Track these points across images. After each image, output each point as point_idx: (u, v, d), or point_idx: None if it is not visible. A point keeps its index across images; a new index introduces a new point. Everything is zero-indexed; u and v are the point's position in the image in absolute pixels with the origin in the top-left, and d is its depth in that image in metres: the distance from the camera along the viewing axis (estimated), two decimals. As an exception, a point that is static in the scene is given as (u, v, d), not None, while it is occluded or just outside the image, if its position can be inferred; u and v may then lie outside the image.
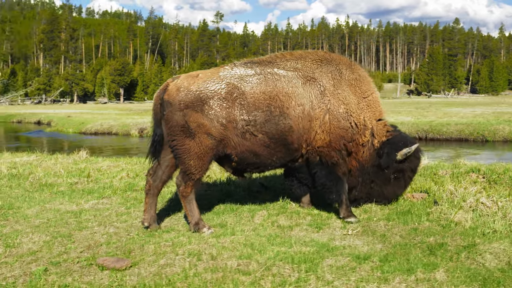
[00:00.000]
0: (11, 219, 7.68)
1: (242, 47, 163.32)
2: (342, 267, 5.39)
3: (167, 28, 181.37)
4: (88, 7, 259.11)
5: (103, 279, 5.29)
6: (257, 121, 6.90)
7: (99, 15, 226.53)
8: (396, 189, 7.89)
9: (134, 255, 5.96)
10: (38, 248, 6.32)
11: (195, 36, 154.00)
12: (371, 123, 7.54)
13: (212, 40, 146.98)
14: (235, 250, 5.99)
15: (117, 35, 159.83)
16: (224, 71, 7.15)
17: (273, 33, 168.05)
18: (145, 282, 5.17)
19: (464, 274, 5.22)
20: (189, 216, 7.02)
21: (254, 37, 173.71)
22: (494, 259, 5.65)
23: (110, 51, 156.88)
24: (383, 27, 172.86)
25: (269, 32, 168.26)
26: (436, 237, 6.45)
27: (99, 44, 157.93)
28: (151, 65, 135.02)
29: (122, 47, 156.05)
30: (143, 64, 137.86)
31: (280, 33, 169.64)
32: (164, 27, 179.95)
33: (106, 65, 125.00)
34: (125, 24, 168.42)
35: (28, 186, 10.14)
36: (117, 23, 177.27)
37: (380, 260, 5.62)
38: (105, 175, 11.02)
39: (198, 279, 5.18)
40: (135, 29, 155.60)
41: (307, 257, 5.71)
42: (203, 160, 6.87)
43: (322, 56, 7.61)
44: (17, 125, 48.81)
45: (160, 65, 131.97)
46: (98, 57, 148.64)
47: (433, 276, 5.13)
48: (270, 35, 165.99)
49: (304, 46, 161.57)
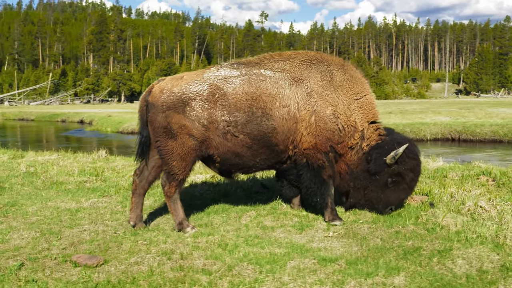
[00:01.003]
0: (10, 216, 7.96)
1: (288, 47, 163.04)
2: (304, 269, 5.40)
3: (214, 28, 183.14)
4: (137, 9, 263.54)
5: (73, 275, 5.44)
6: (238, 121, 6.93)
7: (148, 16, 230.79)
8: (399, 193, 7.55)
9: (110, 253, 6.11)
10: (25, 244, 6.54)
11: (240, 36, 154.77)
12: (362, 125, 7.44)
13: (256, 40, 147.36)
14: (207, 250, 6.06)
15: (164, 36, 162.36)
16: (210, 72, 7.22)
17: (319, 32, 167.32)
18: (111, 279, 5.31)
19: (426, 279, 5.15)
20: (173, 216, 7.13)
21: (300, 37, 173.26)
22: (466, 264, 5.55)
23: (158, 52, 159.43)
24: (431, 26, 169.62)
25: (315, 32, 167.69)
26: (415, 241, 6.36)
27: (147, 44, 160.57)
28: (196, 65, 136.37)
29: (170, 48, 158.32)
30: (189, 64, 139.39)
31: (326, 33, 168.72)
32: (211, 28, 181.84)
33: (153, 66, 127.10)
34: (172, 25, 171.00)
35: (39, 184, 10.46)
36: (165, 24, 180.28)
37: (347, 263, 5.59)
38: (115, 174, 11.27)
39: (160, 277, 5.28)
40: (182, 30, 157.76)
41: (274, 258, 5.74)
42: (186, 161, 6.97)
43: (312, 56, 7.57)
44: (61, 124, 50.19)
45: (206, 65, 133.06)
46: (146, 58, 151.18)
47: (392, 280, 5.08)
48: (315, 34, 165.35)
49: (350, 45, 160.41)
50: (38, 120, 55.86)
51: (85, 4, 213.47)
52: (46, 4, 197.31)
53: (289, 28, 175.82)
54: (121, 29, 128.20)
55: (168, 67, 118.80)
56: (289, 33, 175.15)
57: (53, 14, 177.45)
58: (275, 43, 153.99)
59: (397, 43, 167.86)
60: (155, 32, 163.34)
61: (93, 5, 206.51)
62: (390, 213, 7.61)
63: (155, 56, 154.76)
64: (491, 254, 5.81)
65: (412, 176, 7.49)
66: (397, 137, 7.64)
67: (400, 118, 34.65)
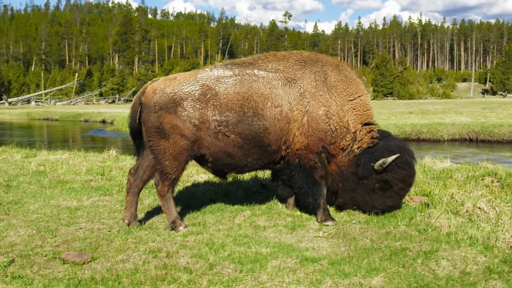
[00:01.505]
0: (12, 214, 8.13)
1: (312, 46, 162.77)
2: (284, 268, 5.42)
3: (238, 28, 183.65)
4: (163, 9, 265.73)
5: (60, 272, 5.54)
6: (229, 121, 6.98)
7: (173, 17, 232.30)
8: (386, 199, 7.48)
9: (99, 251, 6.21)
10: (20, 241, 6.68)
11: (264, 36, 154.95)
12: (355, 127, 7.41)
13: (280, 40, 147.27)
14: (194, 249, 6.12)
15: (189, 36, 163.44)
16: (203, 73, 7.28)
17: (343, 32, 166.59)
18: (95, 276, 5.40)
19: (406, 280, 5.14)
20: (166, 215, 7.22)
21: (323, 37, 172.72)
22: (449, 266, 5.52)
23: (182, 52, 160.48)
24: (457, 25, 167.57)
25: (339, 31, 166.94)
26: (403, 241, 6.34)
27: (172, 45, 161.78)
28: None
29: (194, 48, 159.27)
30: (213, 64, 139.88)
31: (351, 32, 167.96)
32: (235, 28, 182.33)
33: (177, 66, 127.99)
34: (197, 25, 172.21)
35: (46, 182, 10.65)
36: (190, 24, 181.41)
37: (330, 263, 5.60)
38: (121, 174, 11.40)
39: (143, 275, 5.35)
40: (207, 30, 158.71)
41: (258, 257, 5.78)
42: (178, 161, 7.05)
43: (307, 57, 7.57)
44: (84, 123, 50.85)
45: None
46: (170, 58, 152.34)
47: (370, 281, 5.07)
48: (340, 34, 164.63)
49: (374, 45, 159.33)
50: (62, 120, 56.71)
51: (111, 5, 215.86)
52: (73, 5, 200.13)
53: (313, 28, 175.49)
54: (146, 30, 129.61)
55: (192, 67, 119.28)
56: (313, 33, 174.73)
57: (80, 15, 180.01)
58: (299, 43, 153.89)
59: (423, 42, 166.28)
60: (179, 32, 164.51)
61: (119, 6, 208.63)
62: (376, 215, 7.53)
63: (180, 56, 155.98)
64: (478, 255, 5.76)
65: (401, 186, 7.40)
66: (391, 143, 7.48)
67: (420, 118, 34.30)
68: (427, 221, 7.12)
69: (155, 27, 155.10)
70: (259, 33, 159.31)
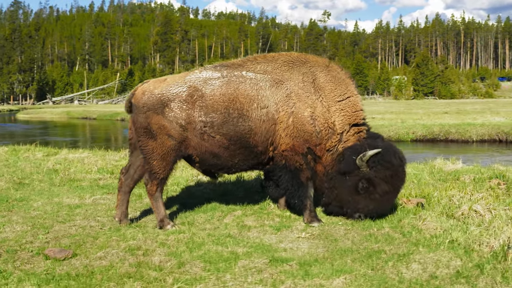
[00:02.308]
0: (14, 210, 8.43)
1: (352, 45, 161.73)
2: (251, 268, 5.49)
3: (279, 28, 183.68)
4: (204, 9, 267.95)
5: (40, 267, 5.74)
6: (214, 122, 7.08)
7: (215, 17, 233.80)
8: (369, 203, 7.25)
9: (83, 247, 6.40)
10: (13, 237, 6.93)
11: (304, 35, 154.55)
12: (342, 128, 7.38)
13: (319, 39, 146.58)
14: (172, 247, 6.25)
15: (229, 36, 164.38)
16: (192, 74, 7.40)
17: (384, 31, 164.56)
18: (71, 272, 5.56)
19: (368, 282, 5.15)
20: (155, 213, 7.38)
21: (364, 35, 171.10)
22: (419, 269, 5.49)
23: (222, 52, 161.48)
24: (502, 23, 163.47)
25: (380, 30, 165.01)
26: (382, 244, 6.34)
27: (212, 44, 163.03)
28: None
29: (234, 48, 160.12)
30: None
31: (392, 31, 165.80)
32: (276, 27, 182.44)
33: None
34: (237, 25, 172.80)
35: (57, 181, 10.97)
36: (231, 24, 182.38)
37: (300, 263, 5.65)
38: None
39: (115, 272, 5.49)
40: (246, 30, 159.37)
41: (230, 257, 5.86)
42: (166, 160, 7.20)
43: (295, 58, 7.61)
44: (120, 122, 51.82)
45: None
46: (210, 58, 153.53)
47: (330, 282, 5.09)
48: (380, 33, 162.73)
49: (416, 43, 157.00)
50: (99, 118, 57.99)
51: (154, 6, 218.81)
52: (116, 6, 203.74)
53: (354, 27, 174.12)
54: (185, 30, 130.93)
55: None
56: (354, 31, 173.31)
57: (123, 16, 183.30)
58: (339, 41, 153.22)
59: (466, 41, 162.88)
60: (220, 32, 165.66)
61: (161, 6, 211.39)
62: (359, 219, 7.36)
63: (220, 56, 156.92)
64: (454, 259, 5.71)
65: (385, 188, 7.17)
66: (378, 142, 7.36)
67: (453, 118, 33.73)
68: (414, 224, 7.07)
69: (196, 27, 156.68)
70: (299, 32, 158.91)
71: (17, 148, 16.23)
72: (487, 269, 5.39)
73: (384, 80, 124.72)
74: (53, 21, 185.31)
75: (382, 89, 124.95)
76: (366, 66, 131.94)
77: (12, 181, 10.82)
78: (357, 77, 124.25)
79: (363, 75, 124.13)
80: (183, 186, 10.02)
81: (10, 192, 9.83)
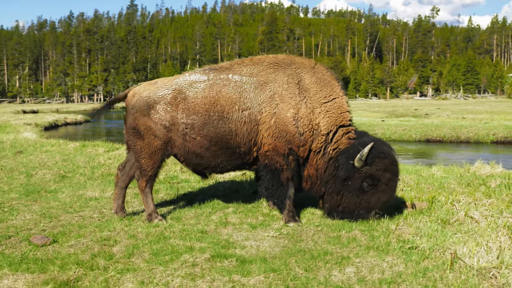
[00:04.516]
0: (39, 201, 9.28)
1: (466, 42, 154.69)
2: (188, 262, 5.77)
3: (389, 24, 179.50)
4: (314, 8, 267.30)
5: (18, 251, 6.37)
6: (195, 124, 7.43)
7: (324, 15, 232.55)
8: (380, 195, 7.32)
9: (66, 236, 6.99)
10: (20, 224, 7.69)
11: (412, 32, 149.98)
12: (327, 129, 7.48)
13: (427, 36, 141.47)
14: (138, 240, 6.70)
15: (336, 34, 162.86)
16: (181, 77, 7.81)
17: (499, 26, 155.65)
18: (40, 256, 6.14)
19: (289, 282, 5.28)
20: (145, 207, 7.87)
21: (478, 31, 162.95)
22: (351, 273, 5.54)
23: (329, 50, 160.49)
24: None
25: (495, 25, 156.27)
26: (338, 246, 6.43)
27: (319, 43, 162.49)
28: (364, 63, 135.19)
29: (341, 46, 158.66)
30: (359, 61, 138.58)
31: (509, 26, 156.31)
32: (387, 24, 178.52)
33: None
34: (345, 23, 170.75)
35: (97, 175, 11.83)
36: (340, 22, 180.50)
37: (241, 261, 5.85)
38: (165, 169, 12.23)
39: (75, 259, 5.96)
40: (354, 27, 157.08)
41: (180, 251, 6.20)
42: (153, 159, 7.67)
43: (281, 60, 7.78)
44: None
45: (373, 62, 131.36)
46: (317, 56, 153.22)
47: (248, 280, 5.28)
48: (496, 28, 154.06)
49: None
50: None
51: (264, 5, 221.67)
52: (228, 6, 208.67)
53: (468, 22, 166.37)
54: (290, 29, 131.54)
55: (334, 65, 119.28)
56: (467, 27, 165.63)
57: (233, 16, 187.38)
58: (450, 38, 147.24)
59: None
60: (327, 30, 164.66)
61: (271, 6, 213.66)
62: (377, 217, 7.42)
63: (327, 54, 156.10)
64: (397, 265, 5.69)
65: (388, 176, 7.28)
66: (365, 139, 7.44)
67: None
68: (386, 227, 7.04)
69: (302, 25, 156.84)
70: (409, 29, 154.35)
71: (86, 143, 17.49)
72: (418, 277, 5.33)
73: (497, 78, 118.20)
74: (168, 22, 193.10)
75: (495, 87, 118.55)
76: (477, 63, 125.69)
77: (58, 174, 11.82)
78: (468, 74, 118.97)
79: (474, 73, 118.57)
80: (200, 183, 10.48)
81: (48, 184, 10.77)
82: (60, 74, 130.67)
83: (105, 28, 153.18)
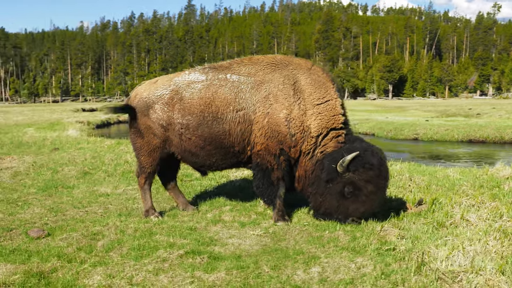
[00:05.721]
0: (54, 196, 9.73)
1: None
2: (161, 257, 5.97)
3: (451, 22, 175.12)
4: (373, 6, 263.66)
5: (13, 243, 6.74)
6: (189, 125, 7.62)
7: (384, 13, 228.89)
8: (358, 205, 7.25)
9: (62, 229, 7.31)
10: (26, 217, 8.11)
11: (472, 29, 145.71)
12: (318, 131, 7.50)
13: (488, 33, 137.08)
14: (125, 235, 6.93)
15: (395, 32, 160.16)
16: (180, 77, 7.99)
17: None
18: (30, 249, 6.49)
19: (239, 280, 5.39)
20: (142, 203, 8.14)
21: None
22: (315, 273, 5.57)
23: (387, 48, 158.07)
24: None
25: None
26: (314, 246, 6.47)
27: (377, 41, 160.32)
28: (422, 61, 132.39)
29: (400, 43, 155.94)
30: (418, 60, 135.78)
31: None
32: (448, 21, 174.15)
33: (377, 62, 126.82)
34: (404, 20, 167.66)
35: (118, 172, 12.19)
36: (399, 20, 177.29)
37: (213, 258, 6.00)
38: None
39: (58, 252, 6.24)
40: (413, 25, 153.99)
41: (159, 246, 6.39)
42: (152, 157, 7.93)
43: (278, 60, 7.84)
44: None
45: (431, 60, 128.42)
46: (374, 54, 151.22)
47: (208, 276, 5.42)
48: None
49: None
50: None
51: (323, 3, 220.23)
52: (285, 5, 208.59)
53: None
54: (346, 27, 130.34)
55: (391, 63, 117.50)
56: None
57: (291, 15, 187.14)
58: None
59: None
60: (385, 28, 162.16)
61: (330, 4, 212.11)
62: (354, 223, 7.35)
63: (385, 52, 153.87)
64: (366, 267, 5.68)
65: (371, 188, 7.17)
66: (355, 145, 7.37)
67: None
68: (373, 229, 7.01)
69: (359, 23, 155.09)
70: (470, 26, 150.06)
71: (121, 141, 17.99)
72: (380, 279, 5.33)
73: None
74: (226, 21, 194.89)
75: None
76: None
77: (82, 170, 12.31)
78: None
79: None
80: (211, 181, 10.71)
81: (69, 180, 11.25)
82: (121, 74, 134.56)
83: (164, 28, 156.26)
